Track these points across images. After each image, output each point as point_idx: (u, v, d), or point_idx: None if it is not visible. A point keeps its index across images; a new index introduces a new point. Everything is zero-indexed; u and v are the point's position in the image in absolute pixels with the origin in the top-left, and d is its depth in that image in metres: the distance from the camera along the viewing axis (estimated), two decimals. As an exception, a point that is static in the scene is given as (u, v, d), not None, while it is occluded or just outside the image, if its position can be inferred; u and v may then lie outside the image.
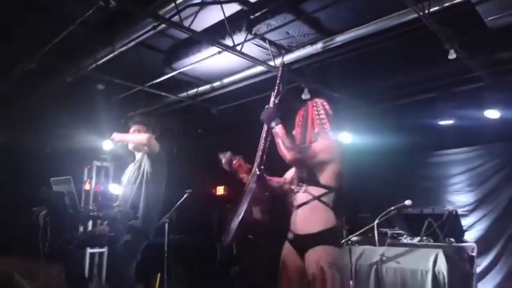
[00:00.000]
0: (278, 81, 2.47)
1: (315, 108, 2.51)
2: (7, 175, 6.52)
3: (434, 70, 4.64)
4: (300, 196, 2.31)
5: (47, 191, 3.40)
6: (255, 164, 2.43)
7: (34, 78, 4.83)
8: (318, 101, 2.56)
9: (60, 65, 4.58)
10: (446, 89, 4.91)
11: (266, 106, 2.44)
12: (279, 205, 2.50)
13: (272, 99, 2.45)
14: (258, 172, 2.41)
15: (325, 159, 2.29)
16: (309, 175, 2.31)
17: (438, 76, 4.77)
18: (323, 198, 2.25)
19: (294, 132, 2.53)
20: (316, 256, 2.14)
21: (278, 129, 2.36)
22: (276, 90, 2.47)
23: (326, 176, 2.27)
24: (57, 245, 3.33)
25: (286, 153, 2.32)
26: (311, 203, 2.26)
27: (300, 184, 2.34)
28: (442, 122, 5.22)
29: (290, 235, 2.34)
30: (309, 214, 2.25)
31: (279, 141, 2.35)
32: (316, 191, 2.26)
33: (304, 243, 2.23)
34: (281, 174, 2.62)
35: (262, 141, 2.41)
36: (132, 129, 3.61)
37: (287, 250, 2.34)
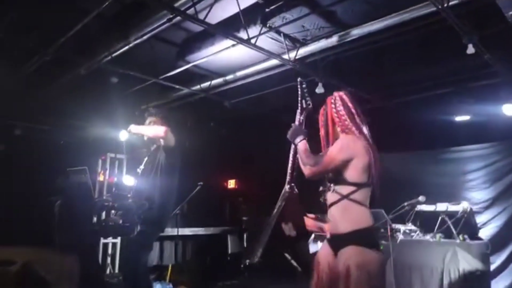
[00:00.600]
0: (299, 98, 2.41)
1: (333, 104, 2.35)
2: (23, 166, 6.64)
3: (451, 65, 4.56)
4: (330, 196, 2.25)
5: (62, 181, 3.45)
6: (286, 182, 2.42)
7: (49, 70, 4.89)
8: (336, 94, 2.38)
9: (75, 58, 4.62)
10: (462, 84, 4.82)
11: (292, 123, 2.40)
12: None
13: (297, 116, 2.41)
14: (288, 190, 2.41)
15: (346, 158, 2.17)
16: (335, 175, 2.23)
17: (455, 71, 4.69)
18: (353, 196, 2.16)
19: (321, 134, 2.43)
20: (345, 256, 2.09)
21: (300, 145, 2.31)
22: (299, 107, 2.42)
23: (352, 173, 2.17)
24: (72, 235, 3.38)
25: (303, 170, 2.27)
26: (341, 202, 2.18)
27: (328, 184, 2.27)
28: (458, 118, 5.14)
29: (327, 235, 2.28)
30: (341, 214, 2.18)
31: (299, 158, 2.31)
32: (345, 189, 2.18)
33: (337, 243, 2.19)
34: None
35: (290, 158, 2.39)
36: (147, 121, 3.64)
37: (323, 248, 2.32)
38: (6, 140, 5.27)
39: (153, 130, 3.52)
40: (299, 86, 2.42)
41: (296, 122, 2.39)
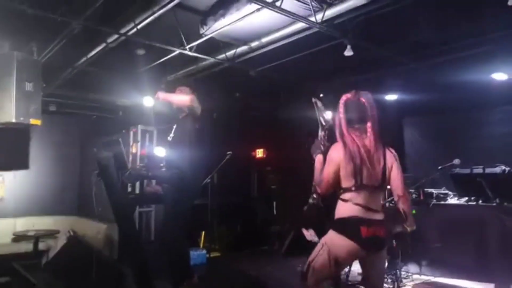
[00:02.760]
0: (317, 115, 2.62)
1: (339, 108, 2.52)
2: (58, 141, 6.89)
3: (488, 21, 4.29)
4: None
5: (98, 153, 3.56)
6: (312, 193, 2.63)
7: (78, 44, 4.95)
8: (342, 99, 2.53)
9: (102, 31, 4.64)
10: (502, 41, 4.54)
11: (315, 139, 2.62)
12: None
13: (319, 132, 2.61)
14: (311, 202, 2.64)
15: (334, 170, 2.38)
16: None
17: (492, 28, 4.40)
18: (342, 196, 2.39)
19: None
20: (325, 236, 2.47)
21: (316, 161, 2.52)
22: (320, 124, 2.61)
23: (340, 180, 2.40)
24: (109, 204, 3.52)
25: (317, 189, 2.53)
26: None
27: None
28: (495, 76, 4.89)
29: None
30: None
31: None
32: (340, 192, 2.42)
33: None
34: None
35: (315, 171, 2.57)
36: (176, 91, 3.68)
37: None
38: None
39: (179, 97, 3.58)
40: (315, 106, 2.63)
41: (318, 137, 2.61)
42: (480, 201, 4.45)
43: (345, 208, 2.35)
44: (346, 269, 4.37)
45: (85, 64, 5.36)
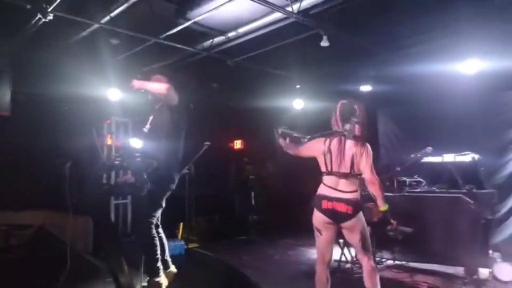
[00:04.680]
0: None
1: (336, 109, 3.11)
2: (29, 131, 6.66)
3: (456, 12, 4.39)
4: None
5: (70, 144, 3.48)
6: None
7: (49, 33, 4.79)
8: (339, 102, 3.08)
9: (74, 19, 4.51)
10: (470, 32, 4.66)
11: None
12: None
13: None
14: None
15: (308, 153, 3.20)
16: None
17: (461, 19, 4.52)
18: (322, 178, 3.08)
19: None
20: None
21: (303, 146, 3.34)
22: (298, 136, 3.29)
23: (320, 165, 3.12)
24: (83, 196, 3.44)
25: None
26: None
27: None
28: (463, 68, 5.03)
29: None
30: None
31: None
32: None
33: None
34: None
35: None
36: (151, 80, 3.62)
37: None
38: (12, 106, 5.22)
39: (155, 86, 3.50)
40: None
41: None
42: (451, 189, 4.60)
43: (319, 188, 3.03)
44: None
45: (57, 54, 5.20)
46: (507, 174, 5.04)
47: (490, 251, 4.30)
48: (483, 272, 4.14)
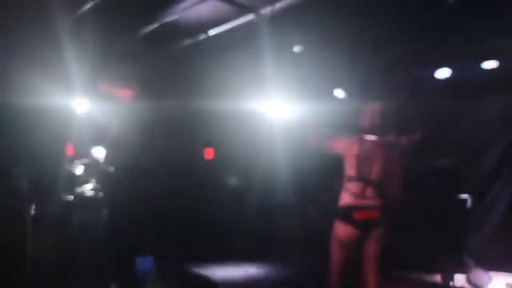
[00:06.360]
0: None
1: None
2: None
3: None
4: None
5: (30, 152, 3.20)
6: None
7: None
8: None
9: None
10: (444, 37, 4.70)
11: None
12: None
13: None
14: None
15: (335, 149, 2.97)
16: None
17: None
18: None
19: None
20: None
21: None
22: None
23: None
24: (45, 209, 3.18)
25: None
26: None
27: None
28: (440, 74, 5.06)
29: None
30: None
31: None
32: None
33: None
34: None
35: None
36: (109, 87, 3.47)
37: None
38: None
39: (121, 92, 3.39)
40: None
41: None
42: (427, 194, 4.59)
43: (344, 197, 2.80)
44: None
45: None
46: (481, 179, 5.08)
47: (466, 257, 4.30)
48: (460, 278, 4.13)
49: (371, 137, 2.78)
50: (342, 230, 2.70)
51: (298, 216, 6.13)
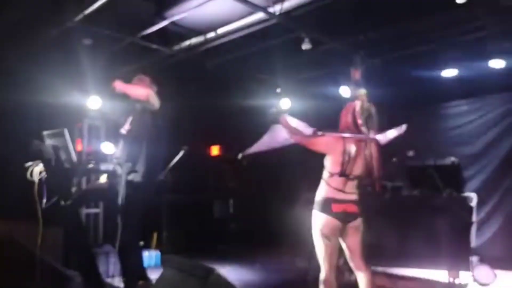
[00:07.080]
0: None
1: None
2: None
3: (437, 18, 4.46)
4: None
5: (40, 145, 3.24)
6: None
7: (18, 30, 4.52)
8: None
9: (45, 17, 4.28)
10: (449, 38, 4.75)
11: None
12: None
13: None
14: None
15: (320, 149, 2.95)
16: None
17: (441, 25, 4.59)
18: None
19: None
20: None
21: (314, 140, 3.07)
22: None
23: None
24: (54, 202, 3.22)
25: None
26: None
27: None
28: (445, 73, 5.11)
29: None
30: None
31: None
32: None
33: None
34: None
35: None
36: (134, 81, 3.51)
37: None
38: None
39: (137, 90, 3.42)
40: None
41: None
42: (431, 193, 4.61)
43: (323, 191, 2.86)
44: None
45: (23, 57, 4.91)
46: (485, 177, 5.12)
47: (471, 254, 4.32)
48: (465, 276, 4.14)
49: (353, 134, 2.87)
50: (321, 221, 2.82)
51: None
